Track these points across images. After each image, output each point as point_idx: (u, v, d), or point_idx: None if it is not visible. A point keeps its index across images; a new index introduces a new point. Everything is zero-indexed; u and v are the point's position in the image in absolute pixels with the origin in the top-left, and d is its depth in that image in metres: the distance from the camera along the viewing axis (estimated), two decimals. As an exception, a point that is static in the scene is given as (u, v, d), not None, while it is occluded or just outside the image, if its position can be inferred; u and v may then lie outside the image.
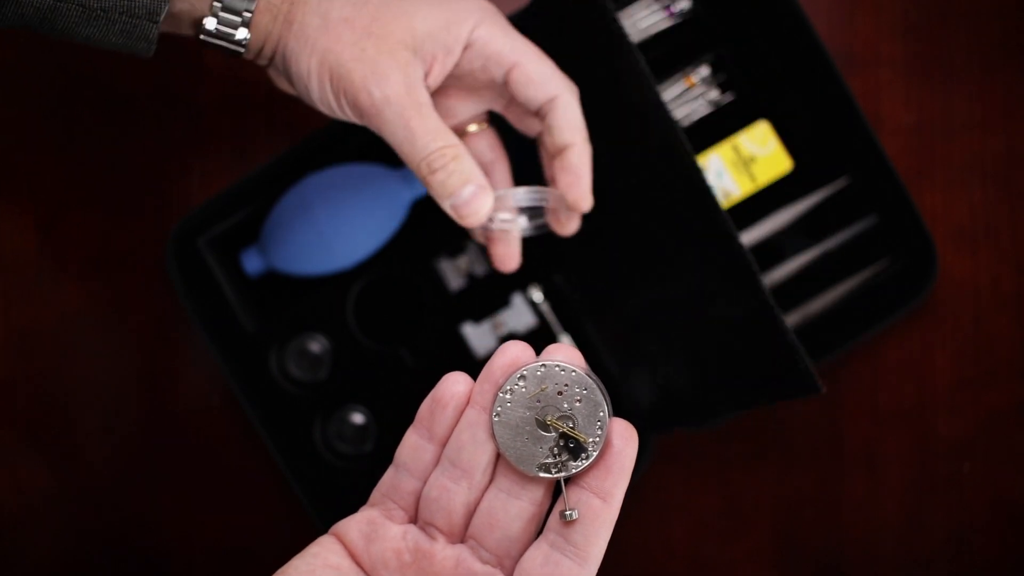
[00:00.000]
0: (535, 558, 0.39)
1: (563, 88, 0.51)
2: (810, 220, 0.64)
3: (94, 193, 0.65)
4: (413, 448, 0.41)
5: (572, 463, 0.39)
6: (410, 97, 0.48)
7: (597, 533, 0.39)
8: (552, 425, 0.39)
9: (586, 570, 0.39)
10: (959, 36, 0.65)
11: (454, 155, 0.49)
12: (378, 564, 0.40)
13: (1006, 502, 0.65)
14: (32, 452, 0.65)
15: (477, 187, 0.50)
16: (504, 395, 0.39)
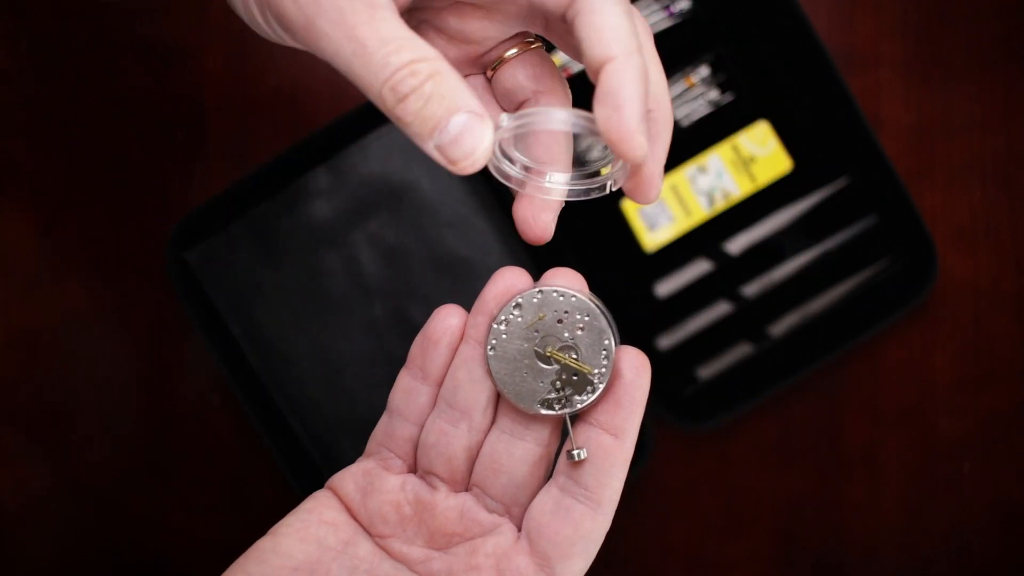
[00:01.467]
0: (544, 503, 0.36)
1: None
2: (810, 220, 0.64)
3: (94, 193, 0.65)
4: (406, 391, 0.37)
5: (577, 398, 0.35)
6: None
7: (610, 473, 0.35)
8: (552, 357, 0.36)
9: (600, 515, 0.35)
10: (959, 36, 0.65)
11: (429, 72, 0.32)
12: (376, 519, 0.37)
13: (1006, 502, 0.65)
14: (32, 452, 0.65)
15: (469, 115, 0.32)
16: (498, 327, 0.36)
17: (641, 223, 0.64)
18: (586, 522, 0.35)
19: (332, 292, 0.63)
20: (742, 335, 0.65)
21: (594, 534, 0.36)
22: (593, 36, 0.32)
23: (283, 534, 0.36)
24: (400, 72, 0.32)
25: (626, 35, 0.32)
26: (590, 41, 0.32)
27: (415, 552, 0.37)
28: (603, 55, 0.32)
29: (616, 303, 0.64)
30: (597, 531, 0.36)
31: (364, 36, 0.32)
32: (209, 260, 0.63)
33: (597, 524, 0.36)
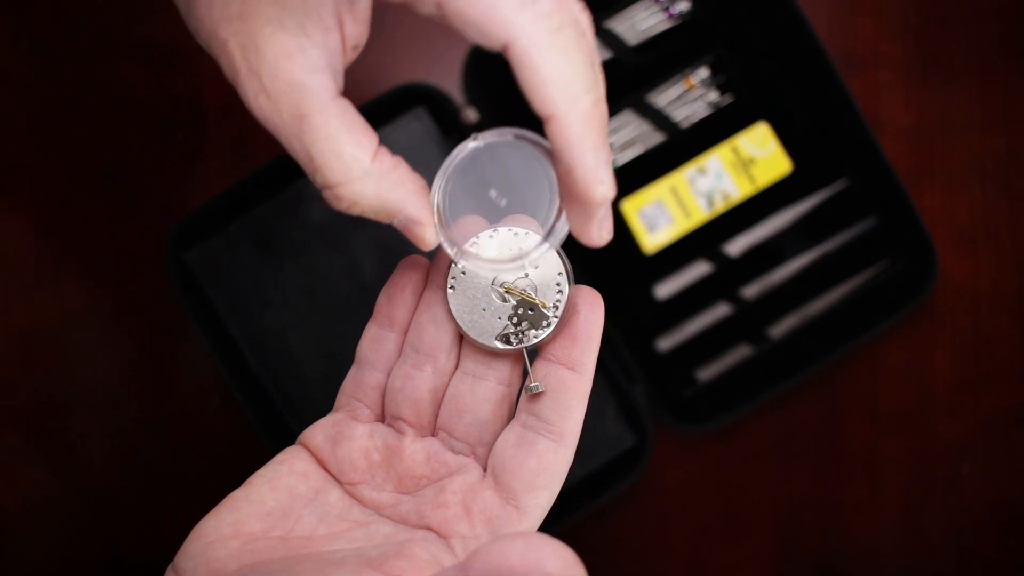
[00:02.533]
0: (507, 439, 0.37)
1: (517, 26, 0.31)
2: (810, 222, 0.64)
3: (94, 193, 0.65)
4: (373, 339, 0.39)
5: (533, 332, 0.37)
6: (288, 100, 0.33)
7: (569, 406, 0.36)
8: (508, 292, 0.37)
9: (563, 447, 0.36)
10: (959, 37, 0.65)
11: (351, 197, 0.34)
12: (345, 466, 0.38)
13: (1006, 503, 0.65)
14: (32, 452, 0.65)
15: (404, 221, 0.35)
16: (457, 267, 0.37)
17: (640, 225, 0.64)
18: (549, 455, 0.36)
19: (332, 293, 0.63)
20: (742, 337, 0.65)
21: (557, 466, 0.36)
22: (531, 95, 0.31)
23: (255, 484, 0.37)
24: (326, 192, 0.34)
25: (561, 87, 0.31)
26: (531, 101, 0.32)
27: (384, 497, 0.38)
28: (542, 112, 0.31)
29: (615, 305, 0.64)
30: (560, 463, 0.36)
31: (294, 151, 0.33)
32: (209, 261, 0.63)
33: (560, 457, 0.36)
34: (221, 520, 0.36)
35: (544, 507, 0.37)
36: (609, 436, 0.63)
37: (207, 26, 0.33)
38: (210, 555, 0.35)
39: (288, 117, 0.32)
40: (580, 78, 0.31)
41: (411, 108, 0.62)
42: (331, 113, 0.32)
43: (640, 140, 0.64)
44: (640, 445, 0.63)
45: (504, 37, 0.30)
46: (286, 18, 0.32)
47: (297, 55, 0.32)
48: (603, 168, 0.32)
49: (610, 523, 0.65)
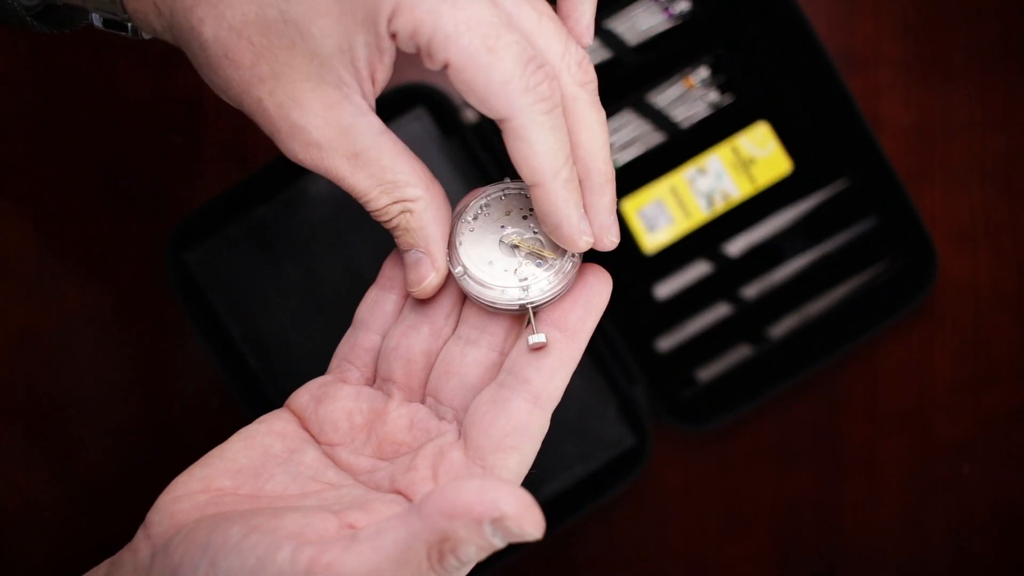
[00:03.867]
0: (483, 398, 0.36)
1: (514, 109, 0.34)
2: (810, 221, 0.64)
3: (93, 195, 0.65)
4: (373, 302, 0.39)
5: (539, 287, 0.37)
6: (340, 150, 0.36)
7: (552, 368, 0.35)
8: (517, 245, 0.37)
9: (537, 409, 0.35)
10: (959, 36, 0.65)
11: (401, 210, 0.38)
12: (325, 425, 0.38)
13: (1006, 503, 0.65)
14: (31, 453, 0.65)
15: (421, 255, 0.38)
16: (468, 222, 0.38)
17: (640, 225, 0.64)
18: (522, 415, 0.35)
19: (331, 294, 0.63)
20: (742, 337, 0.65)
21: (530, 428, 0.35)
22: (520, 163, 0.35)
23: (231, 442, 0.37)
24: (380, 212, 0.37)
25: (548, 159, 0.35)
26: (518, 166, 0.35)
27: (362, 462, 0.37)
28: (530, 181, 0.35)
29: (615, 305, 0.64)
30: (534, 426, 0.35)
31: (352, 185, 0.37)
32: (208, 262, 0.62)
33: (534, 419, 0.35)
34: (192, 476, 0.36)
35: (513, 471, 0.35)
36: (609, 436, 0.63)
37: (235, 87, 0.36)
38: (176, 508, 0.35)
39: (341, 160, 0.36)
40: (563, 151, 0.35)
41: (411, 108, 0.62)
42: (384, 146, 0.36)
43: (640, 140, 0.64)
44: (640, 445, 0.63)
45: (505, 113, 0.34)
46: (325, 73, 0.35)
47: (343, 103, 0.36)
48: (584, 221, 0.36)
49: (610, 523, 0.65)
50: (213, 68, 0.36)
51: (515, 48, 0.34)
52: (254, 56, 0.35)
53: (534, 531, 0.29)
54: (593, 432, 0.63)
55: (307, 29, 0.34)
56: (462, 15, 0.33)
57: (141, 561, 0.34)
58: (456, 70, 0.34)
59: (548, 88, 0.34)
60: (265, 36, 0.35)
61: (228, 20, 0.35)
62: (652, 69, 0.64)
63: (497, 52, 0.34)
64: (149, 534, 0.35)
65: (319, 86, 0.35)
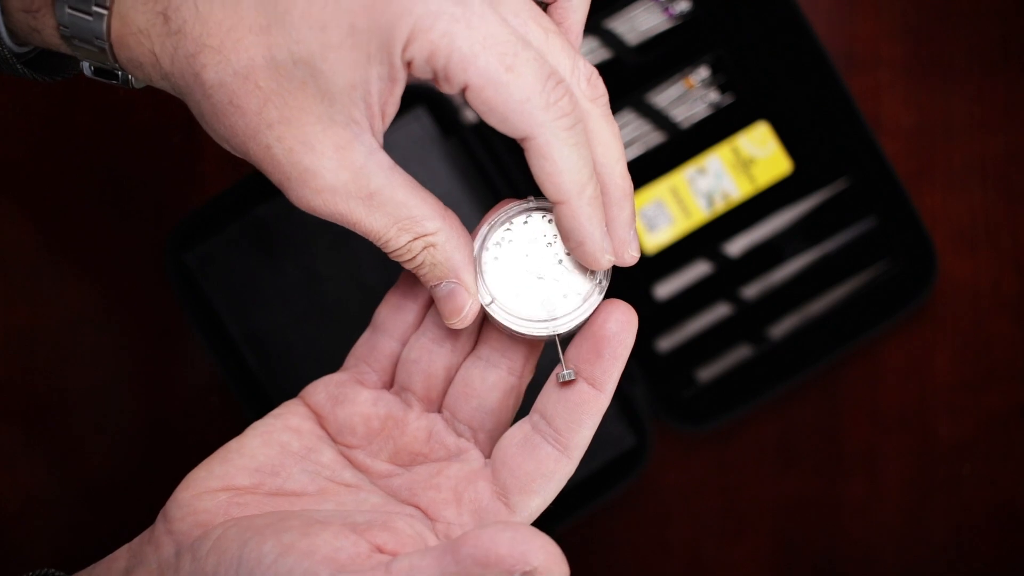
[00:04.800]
0: (514, 436, 0.36)
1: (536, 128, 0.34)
2: (810, 222, 0.64)
3: (93, 195, 0.65)
4: (394, 308, 0.39)
5: (565, 318, 0.37)
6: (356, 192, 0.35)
7: (582, 421, 0.36)
8: (542, 276, 0.37)
9: (565, 458, 0.36)
10: (959, 37, 0.65)
11: (424, 246, 0.37)
12: (344, 429, 0.38)
13: (1006, 504, 0.65)
14: (31, 452, 0.65)
15: (454, 285, 0.37)
16: (489, 251, 0.37)
17: (641, 225, 0.64)
18: (550, 462, 0.36)
19: (331, 293, 0.63)
20: (742, 337, 0.65)
21: (556, 475, 0.36)
22: (544, 181, 0.35)
23: (248, 437, 0.38)
24: (401, 250, 0.36)
25: (573, 176, 0.34)
26: (542, 185, 0.35)
27: (378, 466, 0.38)
28: (555, 199, 0.35)
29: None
30: (560, 473, 0.36)
31: (369, 227, 0.36)
32: (208, 262, 0.62)
33: (561, 467, 0.36)
34: (211, 472, 0.36)
35: (534, 512, 0.37)
36: (609, 436, 0.63)
37: (240, 134, 0.35)
38: (198, 506, 0.35)
39: (356, 202, 0.35)
40: (586, 167, 0.34)
41: (410, 108, 0.62)
42: (396, 183, 0.35)
43: (640, 140, 0.64)
44: (640, 445, 0.63)
45: (527, 132, 0.34)
46: (335, 113, 0.34)
47: (354, 143, 0.35)
48: (606, 239, 0.36)
49: (610, 523, 0.65)
50: (217, 116, 0.35)
51: (533, 65, 0.33)
52: (261, 101, 0.34)
53: None
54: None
55: (318, 67, 0.33)
56: (477, 35, 0.32)
57: (166, 559, 0.35)
58: (475, 91, 0.33)
59: (569, 103, 0.34)
60: (274, 79, 0.34)
61: (233, 65, 0.34)
62: (652, 69, 0.64)
63: (516, 70, 0.33)
64: (171, 530, 0.35)
65: (330, 127, 0.34)
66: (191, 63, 0.34)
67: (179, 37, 0.34)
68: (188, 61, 0.34)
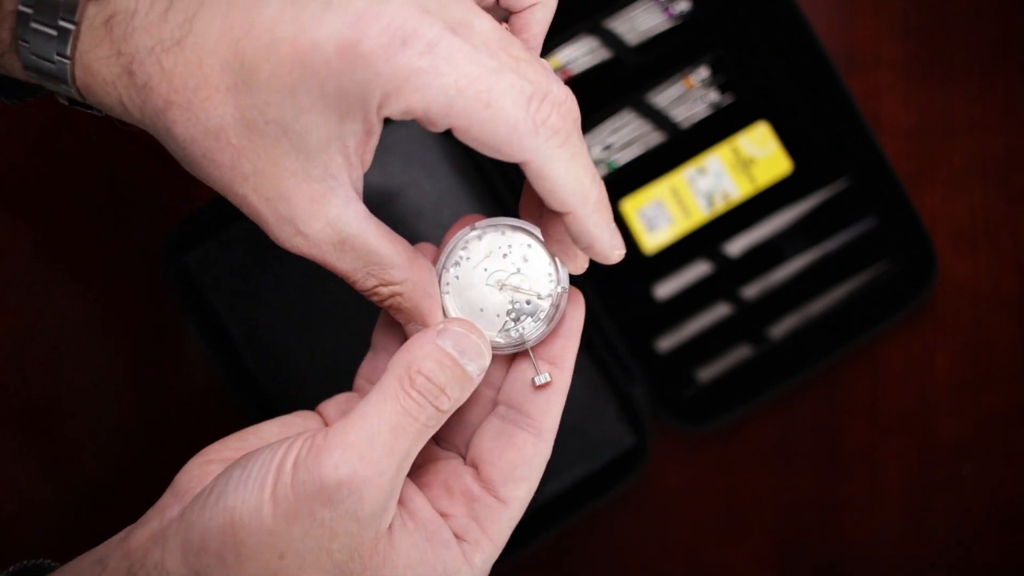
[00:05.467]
0: (486, 432, 0.39)
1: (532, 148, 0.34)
2: (810, 222, 0.64)
3: (91, 195, 0.64)
4: (387, 326, 0.42)
5: (532, 324, 0.38)
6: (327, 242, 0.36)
7: (549, 401, 0.38)
8: (503, 287, 0.39)
9: (541, 441, 0.38)
10: (959, 37, 0.65)
11: (390, 292, 0.38)
12: None
13: (1006, 504, 0.65)
14: (29, 455, 0.65)
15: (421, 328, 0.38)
16: (449, 271, 0.39)
17: (640, 225, 0.64)
18: (527, 448, 0.38)
19: (331, 294, 0.63)
20: (742, 337, 0.65)
21: (536, 459, 0.38)
22: (547, 198, 0.35)
23: (266, 424, 0.40)
24: (367, 292, 0.38)
25: (575, 188, 0.35)
26: (546, 200, 0.35)
27: None
28: (561, 210, 0.35)
29: (615, 305, 0.64)
30: (539, 457, 0.38)
31: (342, 271, 0.37)
32: (207, 263, 0.62)
33: (539, 451, 0.38)
34: (226, 445, 0.38)
35: (524, 498, 0.38)
36: (609, 436, 0.63)
37: (216, 183, 0.35)
38: (208, 469, 0.37)
39: (328, 246, 0.36)
40: (587, 174, 0.35)
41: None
42: (369, 233, 0.36)
43: (640, 140, 0.64)
44: (640, 445, 0.63)
45: (521, 157, 0.34)
46: (311, 168, 0.34)
47: (329, 196, 0.35)
48: (616, 236, 0.37)
49: (610, 523, 0.65)
50: (192, 166, 0.35)
51: (512, 92, 0.33)
52: (234, 156, 0.34)
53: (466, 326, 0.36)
54: (593, 432, 0.63)
55: (291, 126, 0.33)
56: (449, 80, 0.32)
57: (169, 517, 0.36)
58: (461, 132, 0.33)
59: (558, 119, 0.34)
60: (246, 137, 0.34)
61: (203, 123, 0.34)
62: (652, 69, 0.64)
63: (495, 104, 0.33)
64: (177, 492, 0.37)
65: (305, 181, 0.35)
66: (161, 118, 0.34)
67: (146, 92, 0.34)
68: (158, 115, 0.34)
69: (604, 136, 0.64)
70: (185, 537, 0.35)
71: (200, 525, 0.34)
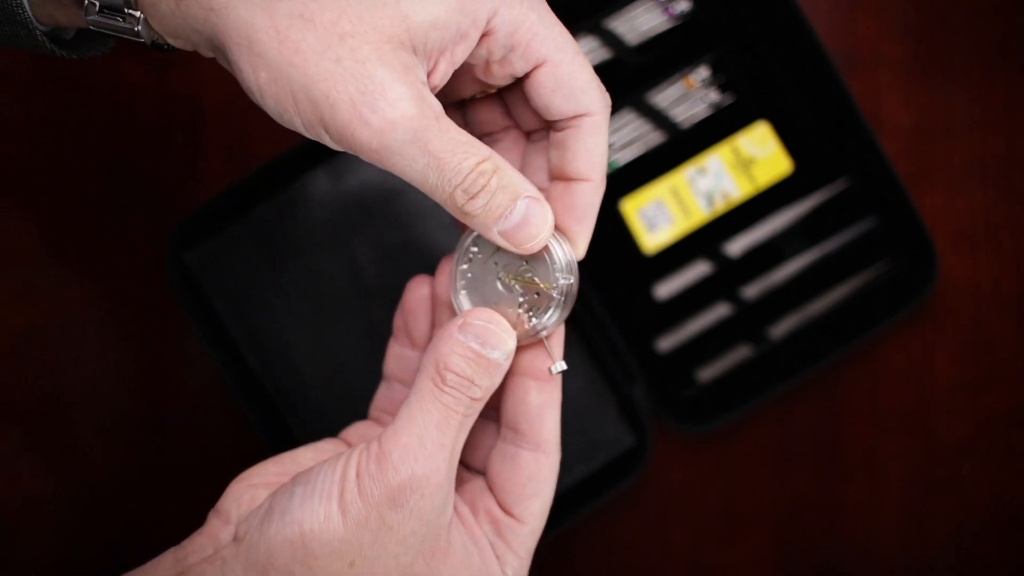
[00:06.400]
0: (494, 456, 0.40)
1: (598, 105, 0.38)
2: (810, 222, 0.64)
3: (93, 194, 0.65)
4: (398, 358, 0.42)
5: (545, 315, 0.39)
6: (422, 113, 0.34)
7: (541, 416, 0.39)
8: (512, 281, 0.39)
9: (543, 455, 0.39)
10: (959, 37, 0.65)
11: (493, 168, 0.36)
12: None
13: (1006, 504, 0.65)
14: (32, 453, 0.65)
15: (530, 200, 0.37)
16: (463, 266, 0.39)
17: (640, 225, 0.64)
18: (530, 465, 0.39)
19: (331, 293, 0.63)
20: (742, 337, 0.65)
21: (543, 474, 0.39)
22: (584, 155, 0.38)
23: (301, 449, 0.41)
24: (471, 175, 0.35)
25: (603, 163, 0.39)
26: (578, 156, 0.38)
27: None
28: (585, 174, 0.38)
29: (615, 305, 0.64)
30: (545, 470, 0.39)
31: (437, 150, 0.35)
32: (209, 262, 0.62)
33: (543, 464, 0.39)
34: (266, 469, 0.39)
35: (540, 512, 0.39)
36: (609, 436, 0.63)
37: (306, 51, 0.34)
38: (252, 494, 0.38)
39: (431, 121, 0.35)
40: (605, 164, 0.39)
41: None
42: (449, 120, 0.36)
43: (640, 140, 0.64)
44: (640, 445, 0.63)
45: (591, 107, 0.38)
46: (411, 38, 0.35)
47: (418, 71, 0.35)
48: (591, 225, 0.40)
49: (610, 523, 0.65)
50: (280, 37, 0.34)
51: (589, 65, 0.38)
52: (336, 13, 0.34)
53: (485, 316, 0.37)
54: (593, 432, 0.63)
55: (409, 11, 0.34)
56: (550, 19, 0.37)
57: (223, 542, 0.37)
58: (553, 65, 0.37)
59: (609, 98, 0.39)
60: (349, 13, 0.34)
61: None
62: (652, 69, 0.64)
63: (582, 57, 0.38)
64: (227, 519, 0.38)
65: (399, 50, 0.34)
66: None
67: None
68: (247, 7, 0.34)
69: (604, 136, 0.64)
70: (248, 557, 0.36)
71: (266, 543, 0.35)
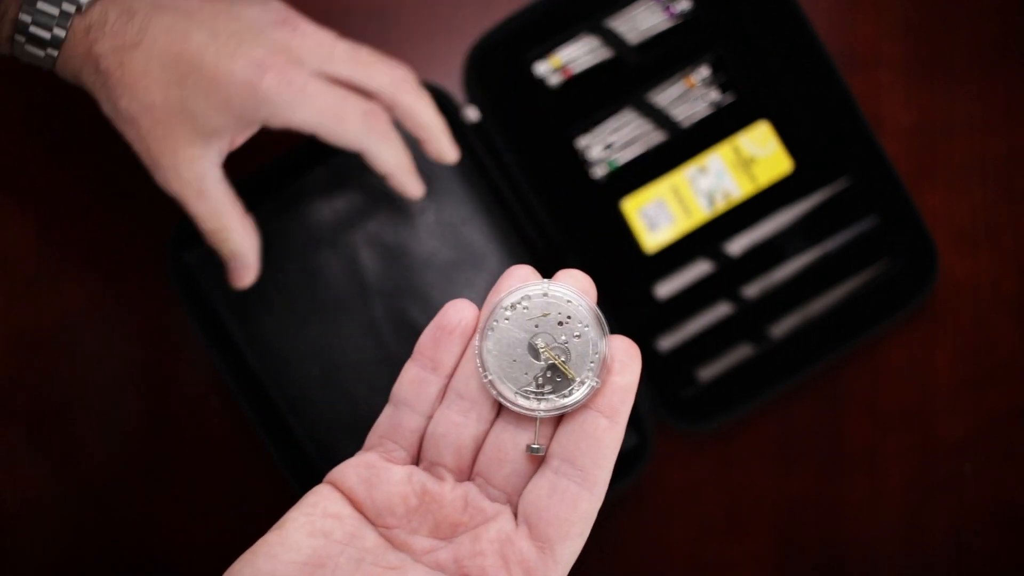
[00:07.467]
0: (540, 487, 0.37)
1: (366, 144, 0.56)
2: (810, 221, 0.64)
3: (94, 193, 0.65)
4: (415, 382, 0.38)
5: (554, 397, 0.37)
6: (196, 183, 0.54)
7: (604, 454, 0.37)
8: (544, 352, 0.37)
9: (594, 495, 0.37)
10: (960, 36, 0.65)
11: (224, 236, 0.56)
12: (384, 511, 0.38)
13: (1007, 503, 0.65)
14: (32, 452, 0.65)
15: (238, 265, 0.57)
16: (504, 311, 0.38)
17: (641, 224, 0.64)
18: (582, 503, 0.37)
19: (332, 292, 0.63)
20: (742, 336, 0.65)
21: (589, 514, 0.37)
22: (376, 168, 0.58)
23: (290, 529, 0.37)
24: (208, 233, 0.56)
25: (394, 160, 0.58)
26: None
27: (420, 542, 0.38)
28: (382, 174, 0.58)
29: (616, 304, 0.64)
30: (592, 511, 0.37)
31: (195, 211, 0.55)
32: (209, 261, 0.62)
33: (592, 505, 0.37)
34: (258, 569, 0.36)
35: (573, 554, 0.38)
36: (610, 436, 0.63)
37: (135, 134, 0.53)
38: None
39: (193, 193, 0.53)
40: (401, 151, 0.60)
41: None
42: (220, 191, 0.54)
43: (641, 139, 0.64)
44: (641, 445, 0.63)
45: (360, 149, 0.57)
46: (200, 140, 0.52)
47: (202, 160, 0.53)
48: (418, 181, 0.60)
49: (610, 523, 0.65)
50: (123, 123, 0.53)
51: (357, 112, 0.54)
52: (154, 121, 0.52)
53: None
54: (594, 432, 0.63)
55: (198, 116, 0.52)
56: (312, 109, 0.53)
57: None
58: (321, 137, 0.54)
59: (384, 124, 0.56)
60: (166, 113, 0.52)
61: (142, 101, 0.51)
62: (653, 68, 0.64)
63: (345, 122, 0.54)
64: None
65: (190, 147, 0.52)
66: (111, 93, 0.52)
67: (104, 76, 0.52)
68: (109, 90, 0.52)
69: (605, 135, 0.64)
70: None
71: None
